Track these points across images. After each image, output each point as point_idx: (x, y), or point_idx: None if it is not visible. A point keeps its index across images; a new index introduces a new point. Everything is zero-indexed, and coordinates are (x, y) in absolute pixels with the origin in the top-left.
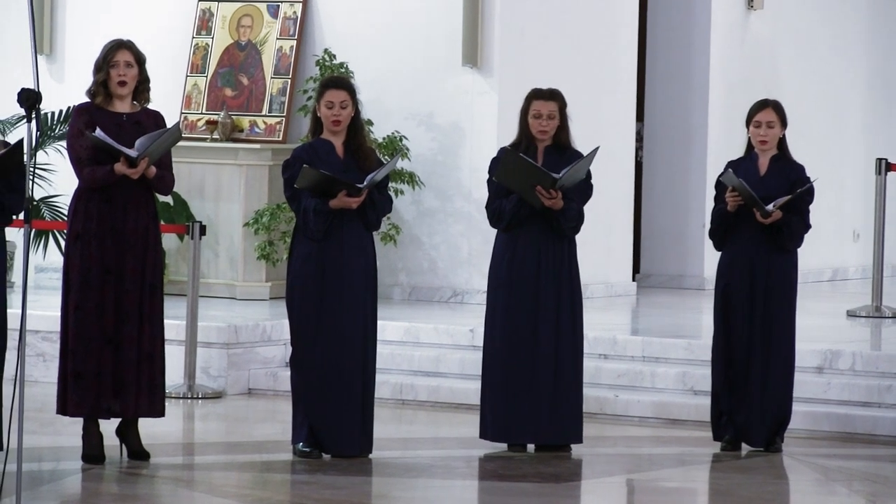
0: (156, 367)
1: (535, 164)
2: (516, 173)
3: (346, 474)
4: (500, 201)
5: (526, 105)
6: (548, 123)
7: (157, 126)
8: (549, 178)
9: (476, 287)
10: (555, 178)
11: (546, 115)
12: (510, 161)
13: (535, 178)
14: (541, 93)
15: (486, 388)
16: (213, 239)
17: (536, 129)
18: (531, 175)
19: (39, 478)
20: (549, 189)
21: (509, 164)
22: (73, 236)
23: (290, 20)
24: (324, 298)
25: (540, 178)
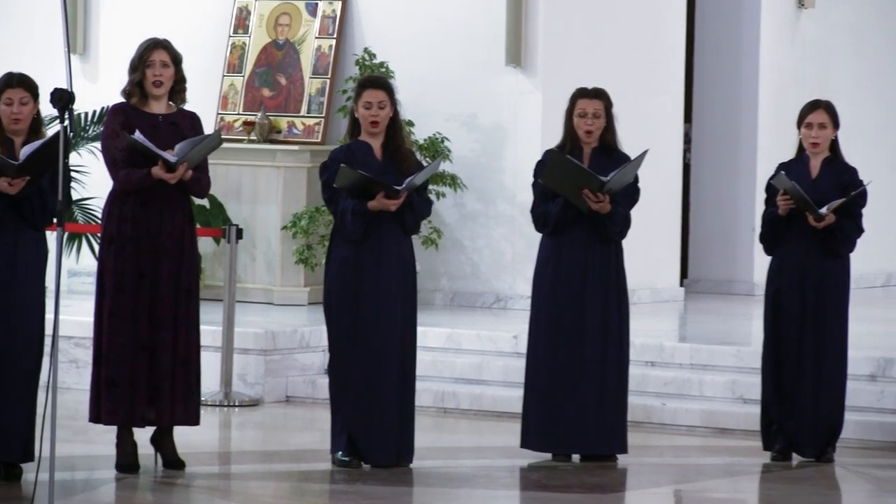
0: (191, 373)
1: (582, 167)
2: (563, 176)
3: (385, 484)
4: (546, 205)
5: (571, 104)
6: (593, 122)
7: (193, 127)
8: (596, 182)
9: (519, 292)
10: (602, 182)
11: (591, 114)
12: (557, 163)
13: (583, 180)
14: (586, 92)
15: (530, 395)
16: (249, 243)
17: (582, 128)
18: (578, 178)
19: (72, 487)
20: (597, 192)
21: (556, 166)
22: (108, 240)
23: (329, 18)
24: (361, 304)
25: (587, 181)
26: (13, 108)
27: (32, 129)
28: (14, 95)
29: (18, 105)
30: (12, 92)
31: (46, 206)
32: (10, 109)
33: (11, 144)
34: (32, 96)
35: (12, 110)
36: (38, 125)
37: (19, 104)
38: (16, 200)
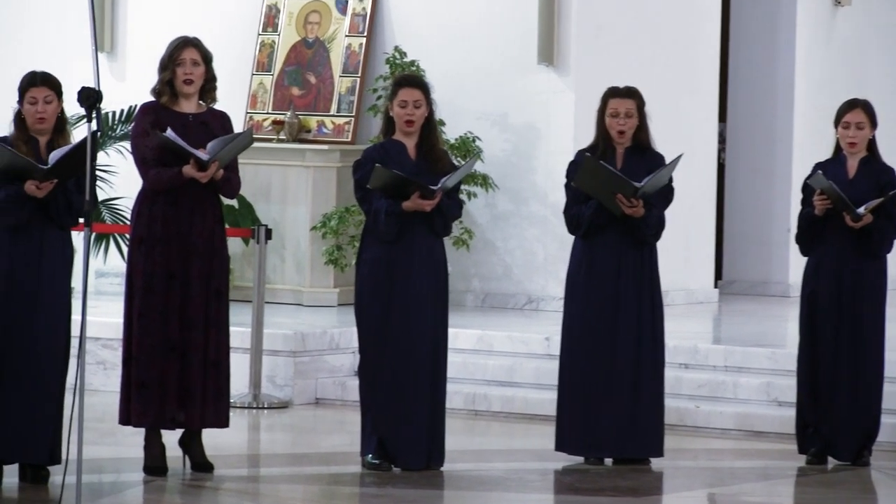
0: (222, 375)
1: (615, 172)
2: (596, 180)
3: (416, 487)
4: (579, 207)
5: (602, 104)
6: (625, 122)
7: (223, 127)
8: (630, 187)
9: (552, 294)
10: (636, 188)
11: (623, 114)
12: (590, 168)
13: (616, 186)
14: (617, 91)
15: (563, 398)
16: (279, 243)
17: (614, 128)
18: (612, 183)
19: (99, 490)
20: (631, 198)
21: (589, 170)
22: (137, 240)
23: (360, 16)
24: (392, 305)
25: (621, 187)
26: (38, 108)
27: (57, 128)
28: (38, 94)
29: (43, 104)
30: (36, 91)
31: (72, 206)
32: (34, 108)
33: (36, 144)
34: (56, 95)
35: (37, 109)
36: (62, 124)
37: (44, 103)
38: (42, 201)
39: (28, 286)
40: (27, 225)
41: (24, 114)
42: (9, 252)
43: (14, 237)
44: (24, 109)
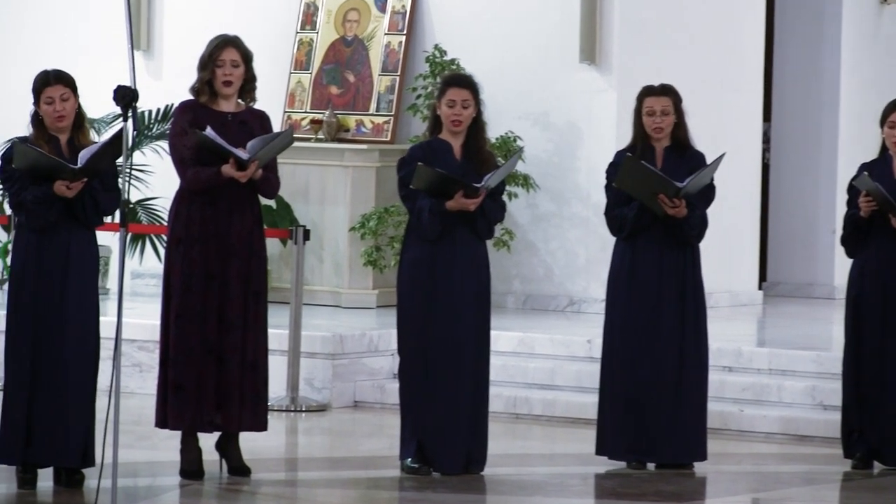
0: (259, 378)
1: (657, 173)
2: (637, 181)
3: (456, 492)
4: (622, 209)
5: (638, 104)
6: (662, 120)
7: (262, 126)
8: (672, 188)
9: (594, 295)
10: (678, 188)
11: (660, 112)
12: (631, 168)
13: (658, 186)
14: (652, 89)
15: (604, 401)
16: (317, 244)
17: (651, 127)
18: (653, 183)
19: (135, 494)
20: (673, 198)
21: (630, 171)
22: (175, 241)
23: (399, 14)
24: (433, 306)
25: (663, 187)
26: (55, 107)
27: (76, 124)
28: (54, 93)
29: (60, 102)
30: (52, 90)
31: (98, 205)
32: (52, 108)
33: (57, 143)
34: (72, 91)
35: (55, 108)
36: (81, 119)
37: (60, 101)
38: (68, 201)
39: (56, 287)
40: (54, 225)
41: (43, 114)
42: (36, 253)
43: (41, 238)
44: (41, 110)
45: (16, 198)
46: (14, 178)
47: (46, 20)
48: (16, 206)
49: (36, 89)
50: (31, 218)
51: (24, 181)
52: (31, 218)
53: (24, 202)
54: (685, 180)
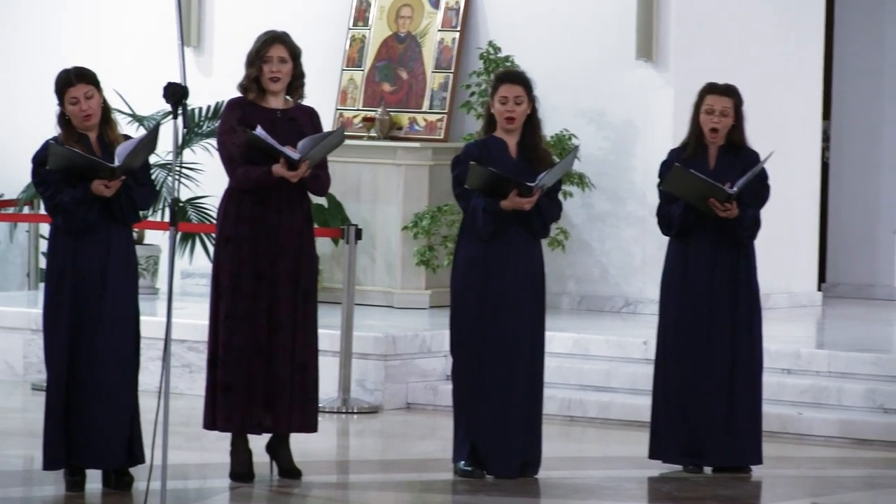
0: (309, 379)
1: (706, 180)
2: (686, 187)
3: (510, 495)
4: (670, 207)
5: (699, 100)
6: (720, 121)
7: (311, 123)
8: (723, 193)
9: (649, 296)
10: (729, 194)
11: (719, 112)
12: (679, 176)
13: (709, 192)
14: (716, 87)
15: (658, 404)
16: (369, 243)
17: (708, 125)
18: (703, 189)
19: (185, 496)
20: (724, 202)
21: (678, 179)
22: (224, 240)
23: (453, 11)
24: (487, 306)
25: (713, 192)
26: (81, 106)
27: (103, 119)
28: (78, 93)
29: (85, 101)
30: (75, 90)
31: (134, 202)
32: (77, 108)
33: (87, 141)
34: (96, 88)
35: (80, 108)
36: (108, 114)
37: (85, 99)
38: (105, 200)
39: (95, 288)
40: (92, 226)
41: (69, 114)
42: (74, 252)
43: (79, 237)
44: (67, 110)
45: (51, 201)
46: (48, 180)
47: (96, 17)
48: (52, 209)
49: (59, 90)
50: (69, 220)
51: (59, 183)
52: (69, 220)
53: (60, 204)
54: (737, 181)
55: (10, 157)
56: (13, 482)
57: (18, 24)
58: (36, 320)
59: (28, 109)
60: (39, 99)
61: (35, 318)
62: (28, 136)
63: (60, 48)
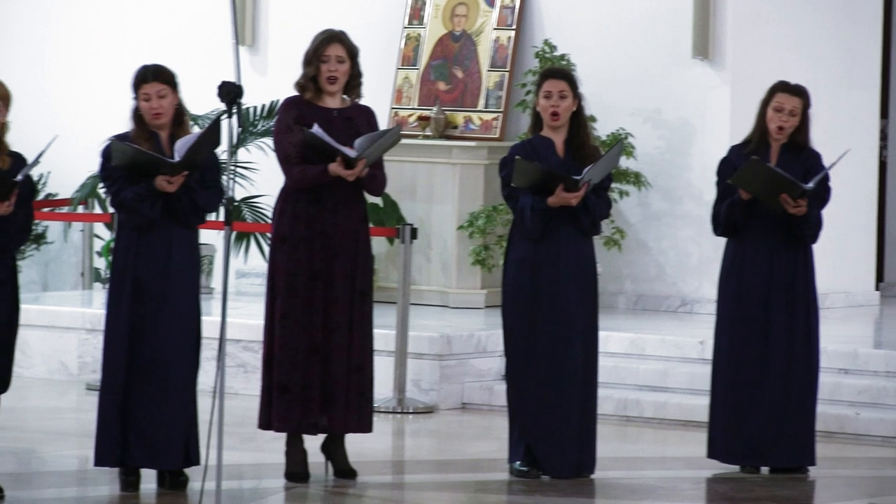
0: (365, 379)
1: (785, 175)
2: (760, 181)
3: (566, 496)
4: (721, 205)
5: (768, 96)
6: (787, 120)
7: (368, 122)
8: (798, 189)
9: (706, 296)
10: (805, 190)
11: (788, 111)
12: (755, 170)
13: (783, 188)
14: (787, 86)
15: (716, 404)
16: (424, 243)
17: (774, 122)
18: (779, 185)
19: (240, 497)
20: (797, 199)
21: (753, 172)
22: (279, 239)
23: (508, 9)
24: (538, 306)
25: (789, 188)
26: (152, 104)
27: (176, 121)
28: (151, 90)
29: (157, 99)
30: (149, 87)
31: (196, 204)
32: (148, 105)
33: (157, 138)
34: (171, 88)
35: (151, 105)
36: (180, 116)
37: (157, 98)
38: (167, 200)
39: (156, 286)
40: (156, 223)
41: (141, 110)
42: (136, 251)
43: (141, 236)
44: (139, 106)
45: (116, 196)
46: (114, 176)
47: (151, 15)
48: (117, 204)
49: (134, 84)
50: (132, 215)
51: (124, 180)
52: (132, 215)
53: (125, 200)
54: (807, 181)
55: (65, 157)
56: (68, 482)
57: (77, 24)
58: (90, 320)
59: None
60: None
61: (89, 317)
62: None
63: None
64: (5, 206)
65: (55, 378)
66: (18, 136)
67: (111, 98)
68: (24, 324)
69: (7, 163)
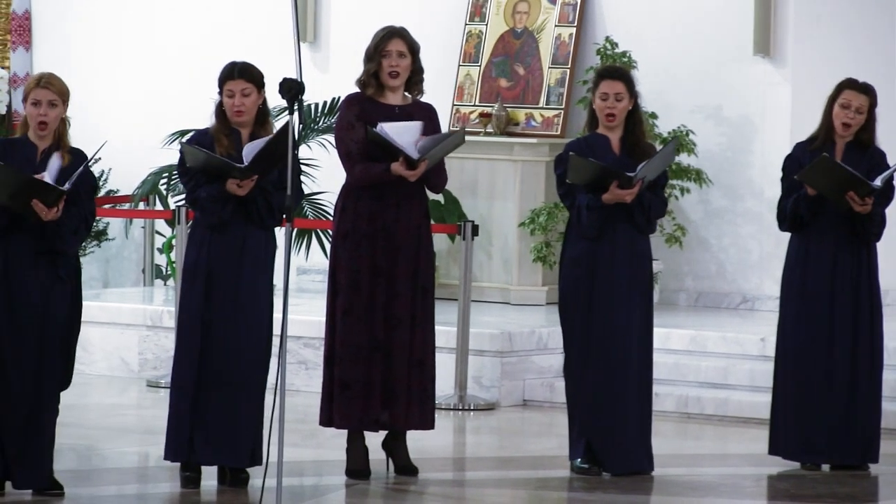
0: (427, 375)
1: (854, 173)
2: (828, 178)
3: (626, 493)
4: (784, 201)
5: (836, 93)
6: (854, 117)
7: (429, 119)
8: (867, 187)
9: (767, 293)
10: (873, 188)
11: (855, 108)
12: (825, 167)
13: (852, 185)
14: (855, 83)
15: (777, 401)
16: (485, 240)
17: (840, 119)
18: (848, 182)
19: (301, 493)
20: (864, 197)
21: (822, 168)
22: (342, 235)
23: (570, 6)
24: (594, 304)
25: (857, 186)
26: (235, 101)
27: (258, 120)
28: (235, 87)
29: (240, 97)
30: (233, 84)
31: (272, 207)
32: (231, 102)
33: (238, 136)
34: (256, 87)
35: (234, 102)
36: (263, 116)
37: (241, 96)
38: (242, 201)
39: (229, 285)
40: (228, 223)
41: (224, 106)
42: (209, 249)
43: (214, 236)
44: (223, 102)
45: (191, 194)
46: (190, 174)
47: (214, 12)
48: (192, 202)
49: (220, 80)
50: (205, 215)
51: (200, 178)
52: (205, 215)
53: (198, 199)
54: (872, 179)
55: (126, 154)
56: (128, 479)
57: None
58: (151, 317)
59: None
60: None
61: (150, 314)
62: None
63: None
64: (53, 212)
65: (116, 375)
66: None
67: (175, 95)
68: (85, 320)
69: (67, 160)
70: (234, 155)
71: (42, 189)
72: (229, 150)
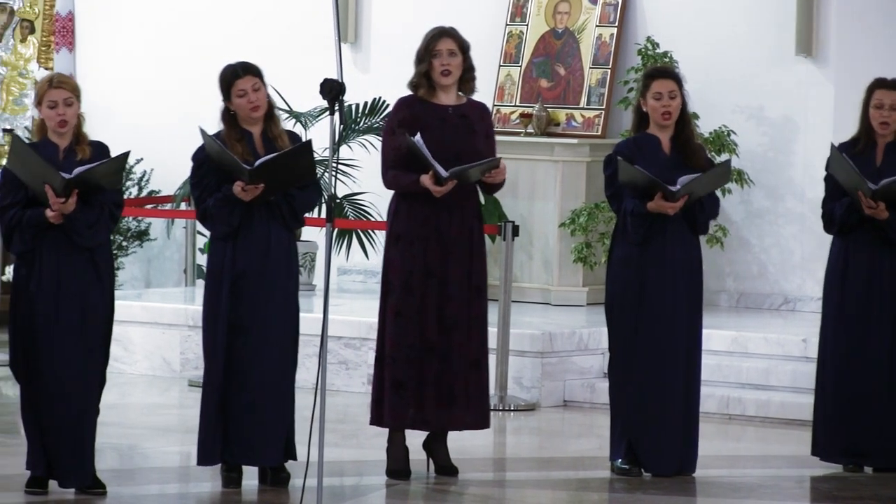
0: (483, 375)
1: (854, 169)
2: (843, 173)
3: (667, 494)
4: (833, 204)
5: (868, 94)
6: (889, 115)
7: (482, 118)
8: (866, 188)
9: (809, 294)
10: (872, 190)
11: (888, 106)
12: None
13: (856, 183)
14: (885, 82)
15: (819, 402)
16: (526, 240)
17: (877, 119)
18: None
19: (341, 493)
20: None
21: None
22: (394, 237)
23: (611, 6)
24: (643, 305)
25: (860, 185)
26: (249, 98)
27: (267, 115)
28: (246, 85)
29: (253, 93)
30: (242, 83)
31: (296, 212)
32: (245, 100)
33: (250, 137)
34: (261, 80)
35: (249, 100)
36: (271, 109)
37: (253, 91)
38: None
39: (254, 284)
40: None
41: (236, 108)
42: (234, 251)
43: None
44: (234, 104)
45: (201, 206)
46: (202, 183)
47: (255, 13)
48: (202, 216)
49: (226, 83)
50: (214, 224)
51: (210, 185)
52: (214, 224)
53: (207, 209)
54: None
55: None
56: (170, 478)
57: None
58: (193, 317)
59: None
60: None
61: (192, 314)
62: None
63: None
64: (69, 203)
65: (158, 374)
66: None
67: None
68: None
69: (87, 152)
70: (250, 161)
71: (50, 174)
72: (245, 156)
